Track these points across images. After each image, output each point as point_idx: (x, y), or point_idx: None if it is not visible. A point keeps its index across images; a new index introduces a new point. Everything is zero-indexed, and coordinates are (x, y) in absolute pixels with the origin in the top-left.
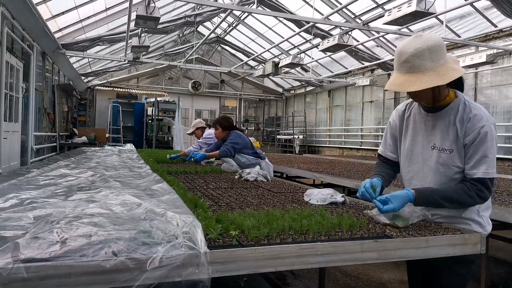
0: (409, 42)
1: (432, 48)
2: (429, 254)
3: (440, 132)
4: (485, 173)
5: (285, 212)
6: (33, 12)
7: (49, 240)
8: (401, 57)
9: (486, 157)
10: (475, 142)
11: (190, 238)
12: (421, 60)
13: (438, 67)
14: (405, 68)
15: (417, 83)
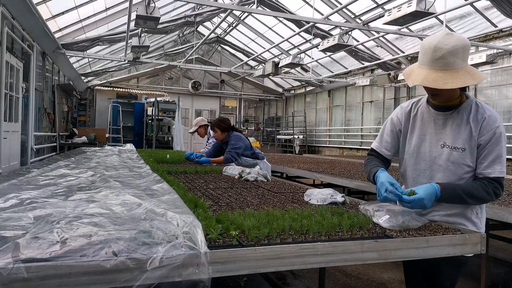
0: (444, 38)
1: (465, 48)
2: (429, 254)
3: (452, 131)
4: (501, 172)
5: (285, 212)
6: (33, 12)
7: (49, 240)
8: (437, 53)
9: (501, 157)
10: (490, 142)
11: (190, 238)
12: (455, 58)
13: (467, 67)
14: (439, 64)
15: (452, 81)
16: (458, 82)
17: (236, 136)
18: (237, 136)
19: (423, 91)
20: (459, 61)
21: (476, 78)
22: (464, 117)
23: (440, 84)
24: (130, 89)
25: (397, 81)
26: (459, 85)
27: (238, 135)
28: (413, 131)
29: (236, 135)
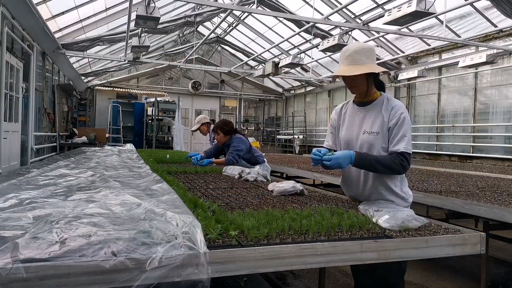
0: (351, 44)
1: (369, 50)
2: (429, 254)
3: (369, 120)
4: (405, 148)
5: (284, 212)
6: (33, 12)
7: (49, 240)
8: (346, 52)
9: (405, 136)
10: (396, 125)
11: (189, 238)
12: (360, 56)
13: (371, 63)
14: (348, 61)
15: (357, 70)
16: (361, 70)
17: (238, 138)
18: (239, 138)
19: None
20: (364, 58)
21: (376, 69)
22: (378, 108)
23: (347, 72)
24: (130, 89)
25: (397, 81)
26: (361, 72)
27: (240, 137)
28: (343, 125)
29: (238, 137)
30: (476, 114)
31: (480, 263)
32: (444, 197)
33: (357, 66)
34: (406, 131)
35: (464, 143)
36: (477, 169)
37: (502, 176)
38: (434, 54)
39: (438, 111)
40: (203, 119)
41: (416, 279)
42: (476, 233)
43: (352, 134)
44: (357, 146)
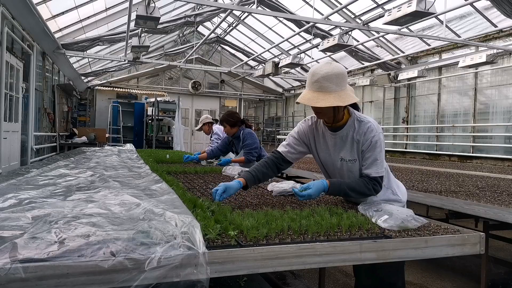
0: (322, 66)
1: (339, 75)
2: (428, 254)
3: (344, 147)
4: (376, 172)
5: (284, 212)
6: (33, 12)
7: (47, 240)
8: (313, 77)
9: (376, 160)
10: (368, 148)
11: (188, 238)
12: (328, 83)
13: (340, 91)
14: (315, 87)
15: (323, 101)
16: (327, 102)
17: (251, 134)
18: (251, 134)
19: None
20: (333, 86)
21: (345, 100)
22: (350, 134)
23: (312, 102)
24: (130, 89)
25: (397, 81)
26: (328, 105)
27: (251, 132)
28: (319, 146)
29: (250, 132)
30: (476, 114)
31: (480, 263)
32: (444, 197)
33: (324, 95)
34: (378, 154)
35: (464, 143)
36: (477, 169)
37: (502, 176)
38: (434, 54)
39: (438, 111)
40: (205, 119)
41: (416, 279)
42: (475, 233)
43: (328, 159)
44: (336, 171)
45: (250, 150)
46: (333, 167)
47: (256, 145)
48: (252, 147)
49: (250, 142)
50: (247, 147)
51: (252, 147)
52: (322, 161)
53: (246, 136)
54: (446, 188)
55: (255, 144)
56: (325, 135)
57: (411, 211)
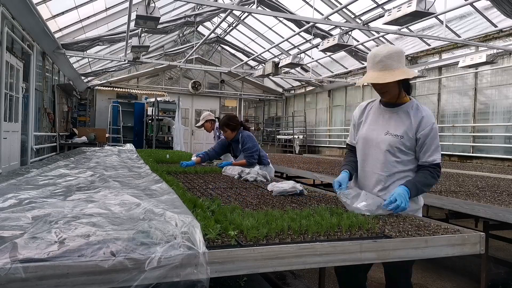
0: (381, 48)
1: (400, 53)
2: (428, 254)
3: (395, 122)
4: (440, 158)
5: (284, 212)
6: (33, 12)
7: (48, 240)
8: (376, 58)
9: (439, 147)
10: (430, 136)
11: (188, 238)
12: (391, 61)
13: (403, 67)
14: (379, 67)
15: (390, 76)
16: (394, 77)
17: (250, 137)
18: (250, 137)
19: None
20: (395, 63)
21: (410, 74)
22: (406, 112)
23: (380, 80)
24: (130, 89)
25: None
26: (395, 79)
27: (250, 135)
28: (365, 122)
29: (249, 135)
30: (476, 114)
31: (480, 263)
32: (444, 197)
33: (389, 72)
34: (438, 142)
35: (464, 143)
36: (477, 169)
37: (502, 176)
38: (434, 54)
39: (438, 111)
40: (208, 116)
41: (416, 279)
42: (475, 233)
43: (373, 133)
44: (378, 147)
45: (251, 153)
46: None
47: (256, 148)
48: (253, 150)
49: (250, 145)
50: (248, 151)
51: (253, 150)
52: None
53: (246, 140)
54: (446, 188)
55: (255, 147)
56: (378, 111)
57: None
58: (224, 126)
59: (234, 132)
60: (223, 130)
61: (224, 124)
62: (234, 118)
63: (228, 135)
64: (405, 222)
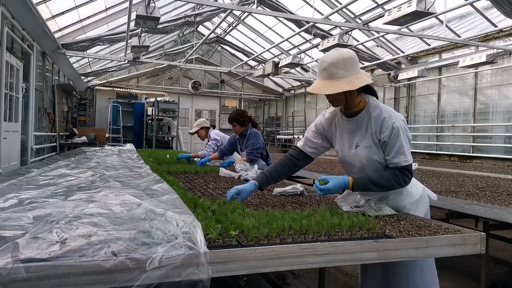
0: (329, 53)
1: (347, 60)
2: (429, 254)
3: (359, 133)
4: (405, 161)
5: (284, 212)
6: (33, 12)
7: (49, 240)
8: (321, 65)
9: (402, 147)
10: (391, 136)
11: (189, 238)
12: (337, 69)
13: (350, 76)
14: (324, 75)
15: (332, 87)
16: (336, 88)
17: (255, 134)
18: (256, 134)
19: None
20: (341, 71)
21: (355, 84)
22: (365, 119)
23: (321, 91)
24: (130, 89)
25: (397, 81)
26: (336, 91)
27: (256, 132)
28: (335, 138)
29: (255, 132)
30: (476, 114)
31: (480, 263)
32: (444, 197)
33: (333, 82)
34: (403, 142)
35: (464, 143)
36: (477, 169)
37: (502, 176)
38: (434, 54)
39: (438, 111)
40: (203, 123)
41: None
42: (476, 233)
43: (345, 149)
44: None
45: (252, 150)
46: (350, 159)
47: (259, 145)
48: (255, 147)
49: (253, 142)
50: (249, 147)
51: (255, 147)
52: (340, 154)
53: (251, 136)
54: (446, 188)
55: (257, 144)
56: (342, 123)
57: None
58: (233, 120)
59: (243, 127)
60: (233, 124)
61: (233, 118)
62: (243, 113)
63: (236, 130)
64: (406, 222)
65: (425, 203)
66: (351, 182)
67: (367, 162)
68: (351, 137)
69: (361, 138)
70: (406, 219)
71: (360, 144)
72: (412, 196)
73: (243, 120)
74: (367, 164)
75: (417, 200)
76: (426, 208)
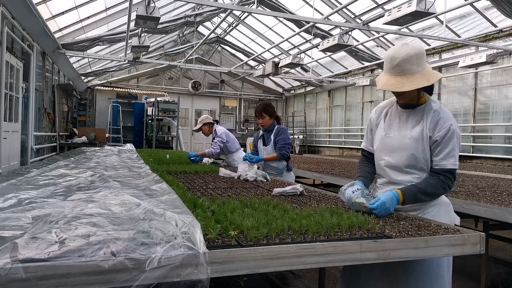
0: (399, 49)
1: (419, 55)
2: (429, 254)
3: (412, 124)
4: (454, 164)
5: (284, 212)
6: (33, 12)
7: (48, 240)
8: (393, 61)
9: (454, 151)
10: (445, 138)
11: (189, 238)
12: (410, 65)
13: (422, 71)
14: (396, 71)
15: (408, 84)
16: (413, 84)
17: (285, 129)
18: (286, 129)
19: None
20: (414, 67)
21: (430, 79)
22: (422, 113)
23: (397, 88)
24: (130, 89)
25: None
26: (414, 87)
27: (285, 128)
28: (381, 123)
29: (284, 128)
30: (476, 114)
31: (480, 263)
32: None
33: (407, 78)
34: (455, 145)
35: (464, 143)
36: (477, 169)
37: (502, 176)
38: (434, 54)
39: None
40: (206, 119)
41: None
42: (476, 233)
43: (390, 136)
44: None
45: (284, 144)
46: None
47: (289, 141)
48: (286, 142)
49: (284, 136)
50: (281, 142)
51: (286, 142)
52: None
53: (281, 131)
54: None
55: (288, 140)
56: (394, 112)
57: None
58: (262, 111)
59: (272, 119)
60: (261, 116)
61: (262, 109)
62: (271, 104)
63: (265, 122)
64: (406, 222)
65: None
66: (401, 195)
67: (404, 152)
68: (401, 126)
69: (410, 128)
70: (405, 219)
71: (407, 133)
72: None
73: (271, 111)
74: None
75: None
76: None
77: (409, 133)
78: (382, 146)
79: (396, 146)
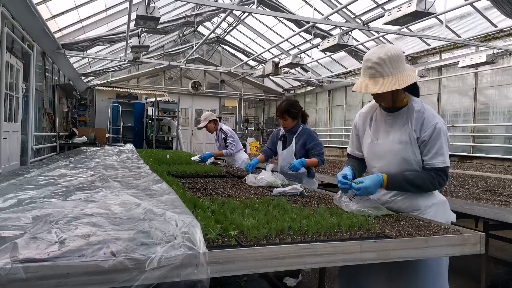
0: (375, 51)
1: (393, 57)
2: (429, 254)
3: (398, 128)
4: (443, 162)
5: (284, 212)
6: (33, 12)
7: (48, 241)
8: (367, 64)
9: (442, 149)
10: (432, 137)
11: (189, 238)
12: (383, 67)
13: (397, 74)
14: (370, 73)
15: (379, 86)
16: (383, 87)
17: (315, 134)
18: (315, 134)
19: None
20: (388, 70)
21: (402, 83)
22: (407, 116)
23: (368, 90)
24: (130, 89)
25: None
26: (384, 90)
27: (314, 132)
28: (369, 131)
29: (313, 131)
30: (476, 114)
31: (480, 263)
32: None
33: (379, 80)
34: (443, 143)
35: (464, 143)
36: (477, 169)
37: (502, 176)
38: (434, 54)
39: (438, 111)
40: (210, 116)
41: None
42: (476, 233)
43: (378, 142)
44: (386, 156)
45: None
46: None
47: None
48: (322, 147)
49: (317, 142)
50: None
51: (322, 147)
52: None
53: (311, 136)
54: (446, 188)
55: (321, 145)
56: (380, 117)
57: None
58: (284, 113)
59: (295, 120)
60: (283, 118)
61: (285, 110)
62: (295, 104)
63: (288, 124)
64: (406, 222)
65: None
66: (386, 179)
67: (395, 157)
68: (387, 131)
69: (397, 132)
70: (405, 219)
71: (395, 138)
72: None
73: (295, 112)
74: (395, 160)
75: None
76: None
77: (397, 137)
78: (372, 154)
79: (386, 152)
